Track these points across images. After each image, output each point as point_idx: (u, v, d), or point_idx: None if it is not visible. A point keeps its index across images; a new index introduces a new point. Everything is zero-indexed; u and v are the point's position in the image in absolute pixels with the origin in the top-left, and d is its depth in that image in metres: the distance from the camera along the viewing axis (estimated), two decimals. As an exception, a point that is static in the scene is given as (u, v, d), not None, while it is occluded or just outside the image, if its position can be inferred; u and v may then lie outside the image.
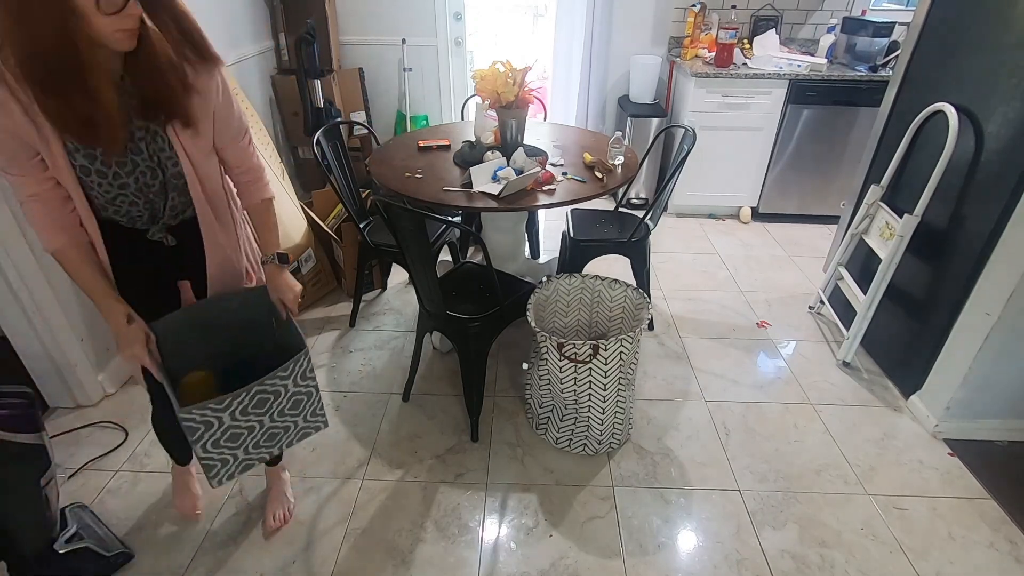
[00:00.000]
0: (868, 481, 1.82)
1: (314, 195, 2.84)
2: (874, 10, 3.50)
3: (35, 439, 1.33)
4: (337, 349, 2.40)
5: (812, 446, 1.95)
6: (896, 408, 2.11)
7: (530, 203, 1.89)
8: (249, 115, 2.47)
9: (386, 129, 3.87)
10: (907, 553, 1.60)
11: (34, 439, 1.33)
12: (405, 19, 3.54)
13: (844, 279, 2.41)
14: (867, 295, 2.16)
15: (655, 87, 3.53)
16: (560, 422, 1.87)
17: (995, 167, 1.75)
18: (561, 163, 2.20)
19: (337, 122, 2.46)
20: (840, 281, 2.45)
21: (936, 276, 1.99)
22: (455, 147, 2.36)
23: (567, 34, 3.63)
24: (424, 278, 1.78)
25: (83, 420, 2.03)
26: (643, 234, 2.33)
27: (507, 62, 2.06)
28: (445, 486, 1.80)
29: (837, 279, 2.48)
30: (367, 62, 3.65)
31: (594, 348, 1.65)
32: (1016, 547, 1.62)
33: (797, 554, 1.60)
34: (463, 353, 1.89)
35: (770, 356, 2.39)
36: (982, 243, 1.78)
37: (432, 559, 1.58)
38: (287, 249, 2.45)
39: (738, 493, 1.78)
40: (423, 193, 1.95)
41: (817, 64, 3.15)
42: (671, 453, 1.92)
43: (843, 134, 3.22)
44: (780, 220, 3.54)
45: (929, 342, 1.99)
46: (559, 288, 2.00)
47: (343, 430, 2.00)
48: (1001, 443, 1.95)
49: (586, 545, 1.62)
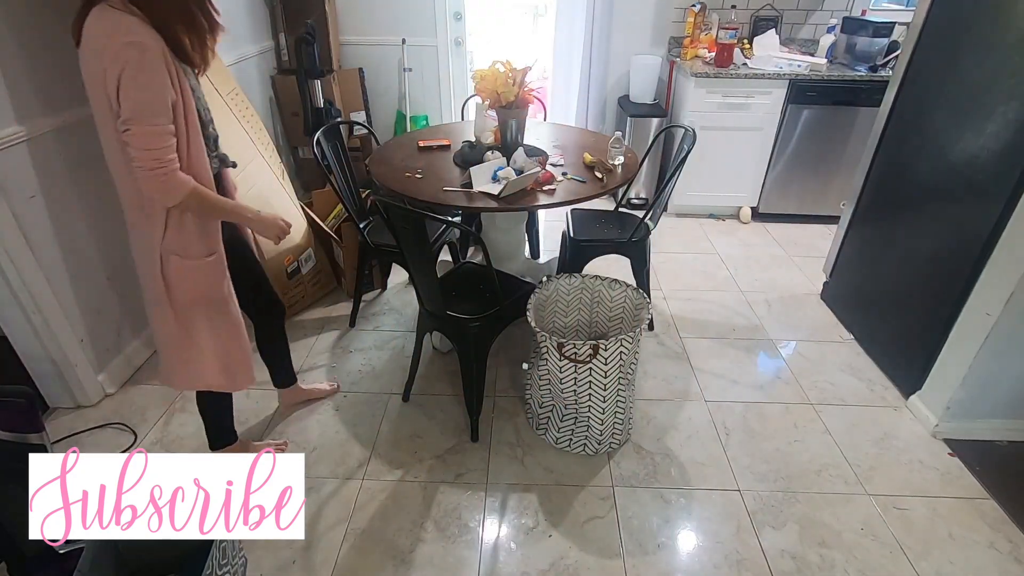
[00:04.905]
0: (868, 481, 1.82)
1: (314, 195, 2.84)
2: (874, 10, 3.50)
3: (35, 439, 1.33)
4: (337, 349, 2.40)
5: (812, 446, 1.95)
6: (896, 408, 2.11)
7: (530, 203, 1.89)
8: (249, 115, 2.47)
9: (386, 129, 3.87)
10: (907, 553, 1.60)
11: (34, 439, 1.33)
12: (405, 19, 3.54)
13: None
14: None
15: (655, 87, 3.53)
16: (560, 422, 1.87)
17: (995, 167, 1.75)
18: (561, 163, 2.20)
19: (337, 122, 2.46)
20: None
21: (936, 276, 1.99)
22: (455, 147, 2.36)
23: (567, 34, 3.63)
24: (424, 278, 1.78)
25: (83, 420, 2.03)
26: (643, 234, 2.33)
27: (507, 62, 2.06)
28: (445, 486, 1.80)
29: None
30: (367, 62, 3.65)
31: (594, 348, 1.65)
32: (1016, 547, 1.62)
33: (797, 554, 1.60)
34: (463, 353, 1.89)
35: (770, 356, 2.39)
36: (982, 243, 1.77)
37: (432, 559, 1.59)
38: (287, 249, 2.46)
39: (738, 493, 1.78)
40: (423, 193, 1.95)
41: (817, 64, 3.15)
42: (671, 453, 1.92)
43: (843, 134, 3.22)
44: (780, 220, 3.53)
45: (929, 342, 1.99)
46: (559, 288, 2.00)
47: (343, 430, 2.00)
48: (1001, 443, 1.95)
49: (586, 545, 1.62)
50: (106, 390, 2.13)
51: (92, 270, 2.06)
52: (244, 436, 1.97)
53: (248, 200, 2.28)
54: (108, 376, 2.14)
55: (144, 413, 2.07)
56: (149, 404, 2.11)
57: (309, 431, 1.99)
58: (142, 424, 2.01)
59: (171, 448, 1.93)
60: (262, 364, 2.01)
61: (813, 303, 2.74)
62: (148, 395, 2.15)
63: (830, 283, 2.70)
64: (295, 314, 2.60)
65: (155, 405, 2.10)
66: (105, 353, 2.13)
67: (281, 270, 2.45)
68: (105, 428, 2.00)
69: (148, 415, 2.06)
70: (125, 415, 2.06)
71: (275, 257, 2.40)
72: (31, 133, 1.76)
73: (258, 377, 2.22)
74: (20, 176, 1.75)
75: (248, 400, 2.12)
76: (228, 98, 2.34)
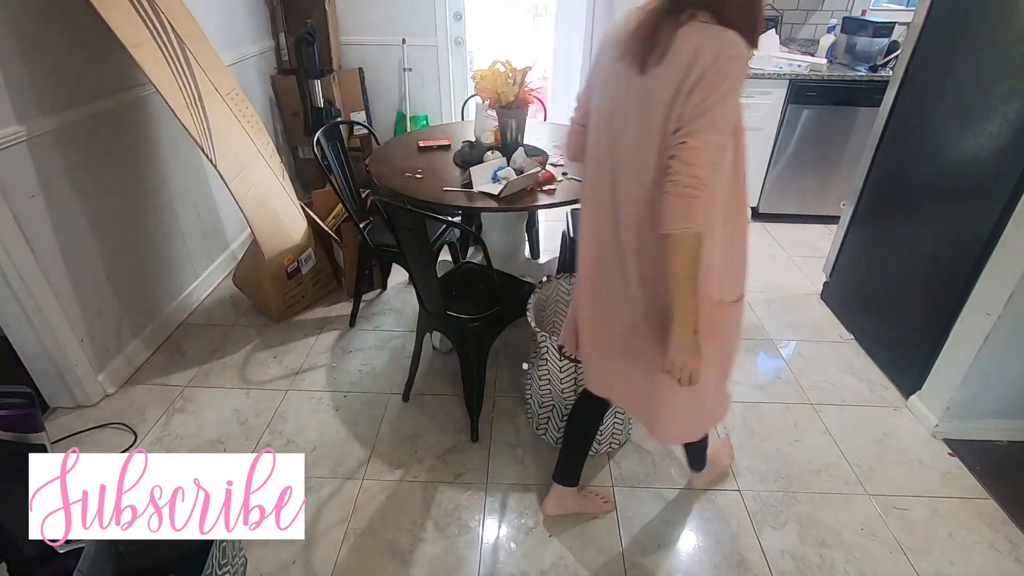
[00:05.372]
0: (868, 481, 1.82)
1: (314, 195, 2.84)
2: (874, 10, 3.51)
3: (35, 439, 1.33)
4: (337, 349, 2.40)
5: (812, 446, 1.95)
6: (896, 408, 2.11)
7: (530, 203, 1.89)
8: (249, 115, 2.47)
9: (386, 129, 3.87)
10: (907, 553, 1.60)
11: (34, 439, 1.33)
12: (405, 19, 3.54)
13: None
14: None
15: (655, 87, 3.52)
16: (560, 422, 1.87)
17: (995, 167, 1.75)
18: (561, 163, 2.20)
19: (337, 122, 2.46)
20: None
21: (936, 276, 1.99)
22: (455, 147, 2.36)
23: (567, 34, 3.64)
24: (424, 278, 1.78)
25: (83, 420, 2.03)
26: (643, 234, 2.32)
27: (507, 62, 2.06)
28: (445, 486, 1.80)
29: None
30: (367, 62, 3.65)
31: (594, 348, 1.65)
32: (1016, 547, 1.62)
33: (797, 554, 1.60)
34: (463, 353, 1.89)
35: (770, 356, 2.39)
36: (982, 243, 1.77)
37: (432, 559, 1.59)
38: (287, 249, 2.46)
39: (738, 493, 1.78)
40: (423, 193, 1.95)
41: (817, 64, 3.15)
42: (671, 453, 1.91)
43: (843, 134, 3.22)
44: (780, 220, 3.53)
45: (929, 342, 1.99)
46: (559, 288, 2.00)
47: (343, 430, 2.00)
48: (1001, 443, 1.95)
49: (586, 545, 1.62)
50: (106, 390, 2.13)
51: (92, 270, 2.06)
52: (244, 436, 1.97)
53: (248, 200, 2.29)
54: (108, 376, 2.14)
55: (144, 413, 2.07)
56: (149, 404, 2.11)
57: (309, 431, 1.99)
58: (142, 424, 2.01)
59: (171, 448, 1.93)
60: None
61: (813, 303, 2.74)
62: (148, 395, 2.15)
63: (830, 283, 2.70)
64: (295, 314, 2.60)
65: (155, 405, 2.10)
66: (105, 353, 2.13)
67: (281, 270, 2.45)
68: (105, 428, 2.00)
69: (148, 415, 2.06)
70: (125, 415, 2.06)
71: (275, 257, 2.40)
72: (31, 133, 1.76)
73: (258, 377, 2.23)
74: (20, 176, 1.75)
75: (248, 400, 2.12)
76: (228, 98, 2.34)
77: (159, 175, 2.40)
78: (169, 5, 2.11)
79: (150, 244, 2.36)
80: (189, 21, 2.22)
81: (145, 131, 2.30)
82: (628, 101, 1.11)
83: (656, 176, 1.08)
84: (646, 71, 1.06)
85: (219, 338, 2.46)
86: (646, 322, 1.23)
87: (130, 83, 2.18)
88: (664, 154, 1.05)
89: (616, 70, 1.12)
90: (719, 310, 1.21)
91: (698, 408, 1.36)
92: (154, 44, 1.99)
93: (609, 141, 1.17)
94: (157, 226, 2.40)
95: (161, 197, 2.41)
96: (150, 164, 2.34)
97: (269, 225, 2.38)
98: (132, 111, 2.22)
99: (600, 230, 1.25)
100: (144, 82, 2.21)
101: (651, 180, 1.10)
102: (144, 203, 2.32)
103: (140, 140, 2.28)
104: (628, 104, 1.11)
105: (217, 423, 2.02)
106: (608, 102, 1.16)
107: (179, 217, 2.53)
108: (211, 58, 2.29)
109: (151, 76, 1.93)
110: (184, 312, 2.58)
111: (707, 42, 1.01)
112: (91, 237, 2.04)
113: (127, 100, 2.18)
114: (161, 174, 2.41)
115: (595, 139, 1.22)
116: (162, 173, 2.41)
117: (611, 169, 1.17)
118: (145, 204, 2.32)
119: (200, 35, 2.26)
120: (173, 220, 2.50)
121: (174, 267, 2.53)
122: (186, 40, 2.16)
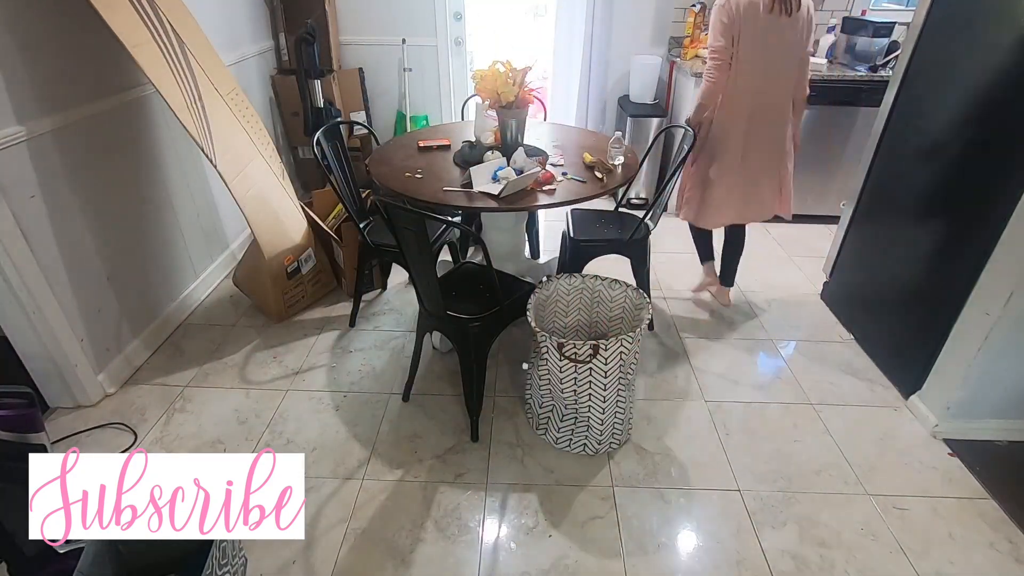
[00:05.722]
0: (868, 481, 1.82)
1: (314, 195, 2.84)
2: (874, 10, 3.50)
3: (35, 439, 1.33)
4: (337, 349, 2.40)
5: (812, 446, 1.95)
6: (896, 408, 2.11)
7: (530, 203, 1.89)
8: (249, 115, 2.47)
9: (386, 129, 3.87)
10: (907, 553, 1.60)
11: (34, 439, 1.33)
12: (405, 19, 3.54)
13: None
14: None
15: (655, 87, 3.52)
16: (560, 422, 1.87)
17: (995, 167, 1.75)
18: (561, 163, 2.20)
19: (337, 122, 2.46)
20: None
21: (936, 276, 1.99)
22: (455, 147, 2.36)
23: (567, 34, 3.63)
24: (424, 278, 1.78)
25: (83, 420, 2.03)
26: (643, 234, 2.32)
27: (507, 62, 2.06)
28: (445, 486, 1.80)
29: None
30: (367, 62, 3.65)
31: (594, 348, 1.65)
32: (1016, 547, 1.62)
33: (797, 554, 1.60)
34: (463, 353, 1.89)
35: (770, 356, 2.39)
36: (982, 243, 1.77)
37: (432, 559, 1.59)
38: (287, 249, 2.46)
39: (738, 493, 1.78)
40: (423, 193, 1.95)
41: (817, 64, 3.15)
42: (671, 453, 1.92)
43: (843, 134, 3.22)
44: (780, 220, 3.52)
45: (929, 342, 1.99)
46: (559, 288, 2.00)
47: (343, 430, 2.00)
48: (1001, 443, 1.95)
49: (586, 545, 1.62)
50: (106, 390, 2.13)
51: (92, 270, 2.06)
52: (244, 436, 1.97)
53: (248, 200, 2.29)
54: (108, 376, 2.14)
55: (144, 413, 2.07)
56: (149, 404, 2.11)
57: (309, 431, 1.99)
58: (142, 424, 2.02)
59: (171, 448, 1.93)
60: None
61: (813, 303, 2.74)
62: (148, 395, 2.15)
63: (830, 283, 2.70)
64: (295, 314, 2.60)
65: (155, 405, 2.10)
66: (105, 353, 2.13)
67: (281, 270, 2.45)
68: (105, 428, 2.00)
69: (148, 415, 2.06)
70: (125, 415, 2.06)
71: (275, 257, 2.40)
72: (31, 133, 1.76)
73: (258, 377, 2.23)
74: (20, 176, 1.75)
75: (248, 400, 2.12)
76: (228, 98, 2.34)
77: (159, 175, 2.40)
78: (169, 5, 2.12)
79: (150, 244, 2.36)
80: (189, 21, 2.22)
81: (145, 131, 2.31)
82: (781, 32, 2.04)
83: (799, 68, 2.16)
84: (792, 15, 2.02)
85: (219, 338, 2.46)
86: (785, 145, 2.29)
87: (130, 83, 2.18)
88: (803, 58, 2.15)
89: (767, 17, 2.01)
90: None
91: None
92: (154, 44, 1.99)
93: (763, 56, 2.07)
94: (157, 226, 2.40)
95: (161, 197, 2.42)
96: (150, 164, 2.34)
97: (269, 225, 2.38)
98: (132, 111, 2.22)
99: (756, 106, 2.15)
100: (144, 82, 2.21)
101: (796, 71, 2.15)
102: (144, 203, 2.32)
103: (140, 140, 2.28)
104: (781, 33, 2.04)
105: (217, 423, 2.02)
106: (762, 34, 2.03)
107: (179, 217, 2.53)
108: (211, 58, 2.30)
109: (151, 76, 1.93)
110: (184, 312, 2.58)
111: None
112: (91, 237, 2.04)
113: (127, 100, 2.18)
114: (161, 174, 2.41)
115: (749, 56, 2.07)
116: (162, 173, 2.41)
117: (763, 73, 2.11)
118: (145, 204, 2.32)
119: (200, 35, 2.27)
120: (173, 220, 2.50)
121: (174, 267, 2.53)
122: (186, 40, 2.16)
